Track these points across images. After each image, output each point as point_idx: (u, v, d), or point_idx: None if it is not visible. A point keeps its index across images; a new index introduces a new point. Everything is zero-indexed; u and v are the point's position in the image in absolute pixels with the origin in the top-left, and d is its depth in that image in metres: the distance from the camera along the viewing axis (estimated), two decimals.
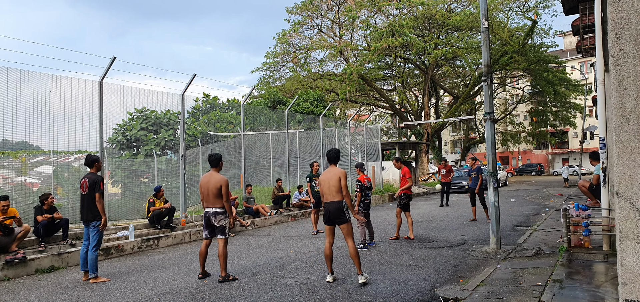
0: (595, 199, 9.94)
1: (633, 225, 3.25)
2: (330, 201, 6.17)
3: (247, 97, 17.10)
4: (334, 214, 6.14)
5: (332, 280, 6.18)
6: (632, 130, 3.27)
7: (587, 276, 5.91)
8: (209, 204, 6.65)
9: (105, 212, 6.96)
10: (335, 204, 6.14)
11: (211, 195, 6.60)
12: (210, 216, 6.64)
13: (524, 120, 49.02)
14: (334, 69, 35.66)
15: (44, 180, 16.96)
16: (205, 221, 6.73)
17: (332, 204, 6.16)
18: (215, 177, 6.67)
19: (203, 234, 6.82)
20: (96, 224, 6.85)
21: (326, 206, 6.22)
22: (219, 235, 6.63)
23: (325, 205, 6.23)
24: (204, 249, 6.78)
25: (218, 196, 6.60)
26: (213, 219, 6.63)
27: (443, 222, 12.33)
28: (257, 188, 18.67)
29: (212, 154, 6.90)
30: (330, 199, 6.17)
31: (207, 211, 6.69)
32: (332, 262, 6.25)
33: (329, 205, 6.19)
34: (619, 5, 3.33)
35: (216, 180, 6.63)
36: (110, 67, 9.82)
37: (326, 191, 6.21)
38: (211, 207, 6.64)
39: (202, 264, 6.80)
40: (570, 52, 54.43)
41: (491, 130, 8.39)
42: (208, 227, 6.73)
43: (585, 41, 11.49)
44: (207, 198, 6.66)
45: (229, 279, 6.50)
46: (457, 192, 23.81)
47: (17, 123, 9.11)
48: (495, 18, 30.35)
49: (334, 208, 6.14)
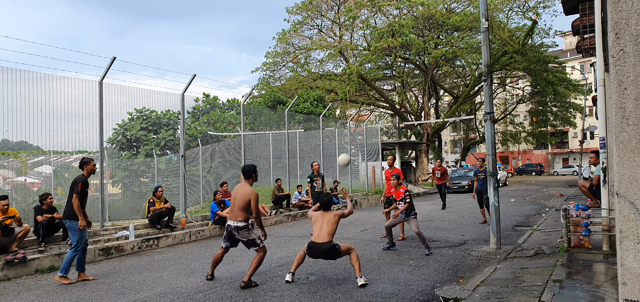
0: (595, 199, 9.95)
1: (633, 225, 3.25)
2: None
3: (247, 97, 17.10)
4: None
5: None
6: (632, 130, 3.27)
7: (587, 276, 5.91)
8: (233, 216, 6.28)
9: (81, 213, 6.80)
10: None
11: (236, 207, 6.24)
12: (233, 230, 6.27)
13: (524, 120, 49.01)
14: (334, 69, 35.68)
15: (44, 180, 16.96)
16: (227, 233, 6.39)
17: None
18: (244, 189, 6.27)
19: (222, 244, 6.50)
20: (72, 224, 6.81)
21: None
22: (253, 247, 6.33)
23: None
24: (219, 255, 6.56)
25: (243, 209, 6.20)
26: (236, 234, 6.27)
27: (443, 222, 12.33)
28: (257, 188, 18.67)
29: (246, 165, 6.54)
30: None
31: (229, 224, 6.32)
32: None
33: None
34: (619, 5, 3.33)
35: (245, 192, 6.22)
36: (110, 67, 9.82)
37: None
38: (234, 221, 6.26)
39: (213, 267, 6.65)
40: (570, 52, 54.44)
41: (491, 130, 8.39)
42: (229, 240, 6.42)
43: (585, 41, 11.50)
44: (232, 209, 6.32)
45: (252, 286, 6.14)
46: (457, 192, 23.82)
47: (17, 123, 9.11)
48: (495, 18, 30.34)
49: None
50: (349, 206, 6.69)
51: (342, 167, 19.15)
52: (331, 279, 6.36)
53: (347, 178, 20.98)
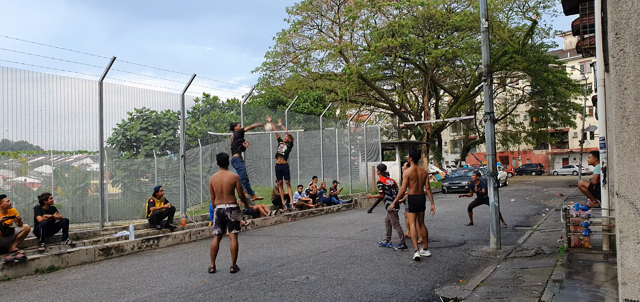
0: (595, 199, 9.95)
1: (633, 225, 3.25)
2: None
3: (247, 97, 17.08)
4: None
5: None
6: (632, 130, 3.27)
7: (587, 276, 5.91)
8: (223, 200, 6.87)
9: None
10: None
11: (225, 192, 6.84)
12: (225, 211, 6.86)
13: (524, 120, 49.00)
14: (334, 69, 35.67)
15: (44, 180, 16.95)
16: (219, 217, 6.91)
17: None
18: (227, 174, 6.96)
19: (214, 231, 7.00)
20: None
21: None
22: (234, 230, 6.92)
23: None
24: (216, 244, 7.01)
25: (231, 192, 6.87)
26: (228, 215, 6.86)
27: (443, 222, 12.33)
28: (257, 188, 18.67)
29: (220, 154, 7.16)
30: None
31: (220, 208, 6.88)
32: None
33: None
34: (619, 5, 3.33)
35: (229, 177, 6.92)
36: (110, 67, 9.82)
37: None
38: (225, 204, 6.86)
39: (213, 259, 7.04)
40: (570, 52, 54.43)
41: (491, 130, 8.39)
42: (221, 224, 6.95)
43: (585, 41, 11.50)
44: (220, 195, 6.87)
45: (238, 269, 6.96)
46: (457, 192, 23.82)
47: (17, 123, 9.11)
48: (495, 18, 30.35)
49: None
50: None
51: (267, 132, 19.15)
52: (331, 279, 6.36)
53: (347, 178, 20.98)
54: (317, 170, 18.98)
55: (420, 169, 7.89)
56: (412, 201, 7.74)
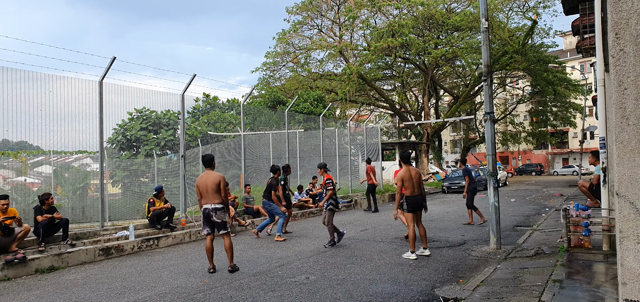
0: (595, 199, 9.95)
1: (633, 225, 3.25)
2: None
3: (247, 97, 17.09)
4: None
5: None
6: (632, 130, 3.27)
7: (587, 276, 5.91)
8: (208, 200, 6.90)
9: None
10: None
11: (210, 192, 6.86)
12: (210, 211, 6.88)
13: (524, 120, 48.99)
14: (334, 69, 35.67)
15: (44, 180, 16.94)
16: (205, 217, 6.95)
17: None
18: (212, 174, 6.96)
19: (204, 232, 7.04)
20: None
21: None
22: (222, 231, 6.93)
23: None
24: (209, 244, 7.03)
25: (217, 191, 6.88)
26: (213, 215, 6.87)
27: (443, 222, 12.33)
28: (257, 188, 18.67)
29: (205, 155, 7.23)
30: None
31: (206, 208, 6.91)
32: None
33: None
34: (619, 5, 3.33)
35: (214, 177, 6.92)
36: (110, 67, 9.82)
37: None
38: (210, 204, 6.89)
39: (211, 259, 7.07)
40: (570, 52, 54.44)
41: (491, 130, 8.39)
42: (208, 224, 6.97)
43: (585, 41, 11.50)
44: (206, 195, 6.91)
45: (237, 269, 7.04)
46: (456, 192, 23.81)
47: (17, 123, 9.11)
48: (495, 18, 30.34)
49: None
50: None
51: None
52: (331, 279, 6.36)
53: (347, 178, 20.98)
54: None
55: (413, 169, 7.90)
56: (410, 201, 7.75)
